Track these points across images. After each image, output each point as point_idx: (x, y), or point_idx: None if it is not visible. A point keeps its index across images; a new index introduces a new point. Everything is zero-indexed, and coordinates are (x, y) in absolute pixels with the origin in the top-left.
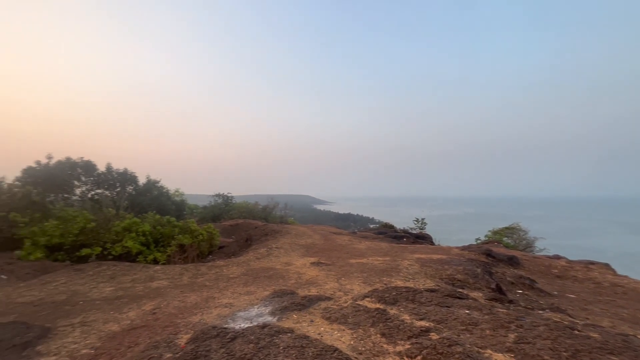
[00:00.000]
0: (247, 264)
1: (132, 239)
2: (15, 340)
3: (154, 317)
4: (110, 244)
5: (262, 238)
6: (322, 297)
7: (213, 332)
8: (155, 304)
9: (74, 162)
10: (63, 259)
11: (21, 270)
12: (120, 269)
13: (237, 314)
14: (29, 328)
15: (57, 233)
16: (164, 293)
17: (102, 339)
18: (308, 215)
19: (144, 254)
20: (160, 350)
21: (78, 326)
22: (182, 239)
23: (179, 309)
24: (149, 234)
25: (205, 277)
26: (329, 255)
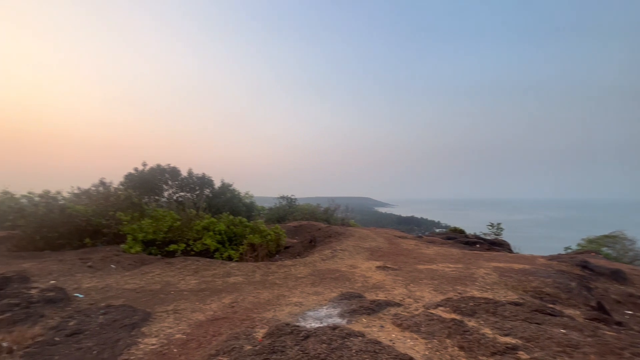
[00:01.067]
0: (313, 264)
1: (210, 237)
2: (125, 321)
3: (232, 310)
4: (192, 241)
5: (326, 240)
6: (391, 303)
7: (287, 329)
8: (233, 298)
9: (163, 168)
10: (156, 253)
11: (125, 261)
12: (202, 264)
13: (307, 313)
14: (134, 311)
15: (151, 230)
16: (240, 288)
17: (191, 326)
18: (368, 218)
19: (220, 251)
20: (241, 342)
21: (171, 313)
22: (253, 238)
23: (254, 304)
24: (224, 233)
25: (275, 276)
26: (395, 259)
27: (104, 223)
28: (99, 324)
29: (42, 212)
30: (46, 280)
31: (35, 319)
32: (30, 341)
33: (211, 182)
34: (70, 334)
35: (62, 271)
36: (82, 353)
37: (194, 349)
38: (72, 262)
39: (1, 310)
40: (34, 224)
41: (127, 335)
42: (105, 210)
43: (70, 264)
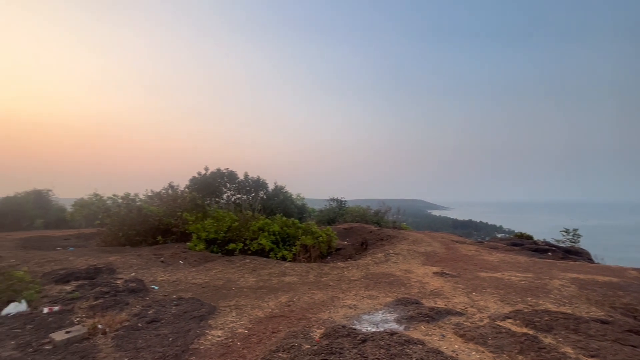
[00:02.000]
0: (366, 267)
1: (265, 237)
2: (194, 313)
3: (289, 308)
4: (249, 241)
5: (378, 243)
6: (452, 311)
7: (344, 331)
8: (289, 297)
9: (222, 172)
10: (217, 251)
11: (191, 258)
12: (259, 263)
13: (362, 317)
14: (202, 304)
15: (213, 230)
16: (295, 288)
17: (251, 322)
18: (421, 221)
19: (275, 251)
20: (299, 340)
21: (234, 308)
22: (305, 239)
23: (309, 304)
24: (278, 234)
25: (328, 277)
26: (454, 265)
27: (173, 222)
28: (173, 314)
29: (124, 212)
30: (128, 273)
31: (122, 306)
32: (119, 325)
33: (265, 185)
34: (150, 321)
35: (140, 265)
36: (160, 339)
37: (255, 344)
38: (148, 257)
39: (95, 296)
40: (117, 222)
41: (196, 326)
42: (174, 211)
43: (147, 258)
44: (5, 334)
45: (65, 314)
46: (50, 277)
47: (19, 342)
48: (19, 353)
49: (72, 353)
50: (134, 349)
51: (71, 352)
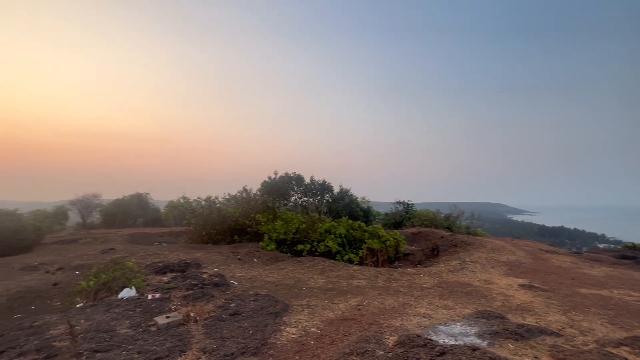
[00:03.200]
0: (439, 275)
1: (332, 240)
2: (270, 309)
3: (359, 312)
4: (316, 243)
5: (451, 249)
6: (546, 331)
7: (419, 340)
8: (358, 301)
9: (290, 176)
10: (286, 251)
11: (264, 256)
12: (327, 265)
13: (438, 327)
14: (276, 302)
15: (282, 231)
16: (364, 292)
17: (323, 322)
18: (501, 227)
19: (341, 253)
20: (372, 346)
21: (305, 307)
22: (372, 243)
23: (380, 310)
24: (344, 236)
25: (398, 283)
26: (544, 278)
27: (247, 223)
28: (251, 308)
29: (206, 213)
30: (211, 268)
31: (208, 298)
32: (207, 315)
33: (331, 188)
34: (232, 314)
35: (221, 261)
36: (242, 331)
37: (328, 345)
38: (227, 254)
39: (187, 287)
40: (201, 222)
41: (272, 322)
42: (248, 213)
43: (226, 256)
44: (121, 314)
45: (164, 301)
46: (151, 269)
47: (131, 322)
48: (132, 331)
49: (172, 335)
50: (221, 338)
51: (171, 335)
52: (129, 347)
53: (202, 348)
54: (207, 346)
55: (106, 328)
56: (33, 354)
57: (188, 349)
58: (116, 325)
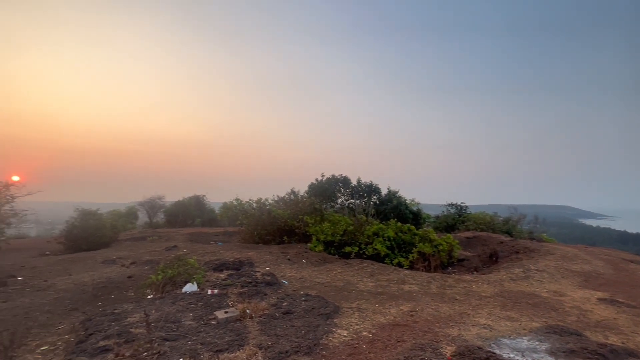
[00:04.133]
0: (499, 284)
1: (380, 242)
2: (321, 310)
3: (412, 319)
4: (364, 245)
5: (513, 256)
6: (637, 354)
7: (481, 353)
8: (410, 307)
9: (336, 178)
10: (334, 253)
11: (312, 258)
12: (377, 268)
13: (501, 340)
14: (327, 303)
15: (330, 232)
16: (416, 298)
17: (374, 327)
18: (570, 232)
19: (390, 257)
20: (428, 354)
21: (355, 310)
22: (423, 247)
23: (434, 317)
24: (393, 239)
25: (453, 290)
26: (630, 292)
27: (295, 224)
28: (303, 308)
29: (257, 214)
30: (263, 267)
31: (261, 296)
32: (261, 312)
33: (378, 190)
34: (285, 313)
35: (272, 261)
36: (295, 330)
37: (380, 350)
38: (277, 254)
39: (242, 285)
40: (252, 223)
41: (323, 323)
42: (296, 214)
43: (276, 256)
44: (185, 307)
45: (222, 297)
46: (209, 266)
47: (194, 315)
48: (195, 323)
49: (230, 330)
50: (275, 335)
51: (229, 329)
52: (194, 338)
53: (258, 344)
54: (262, 342)
55: (173, 319)
56: (115, 337)
57: (245, 343)
58: (181, 316)
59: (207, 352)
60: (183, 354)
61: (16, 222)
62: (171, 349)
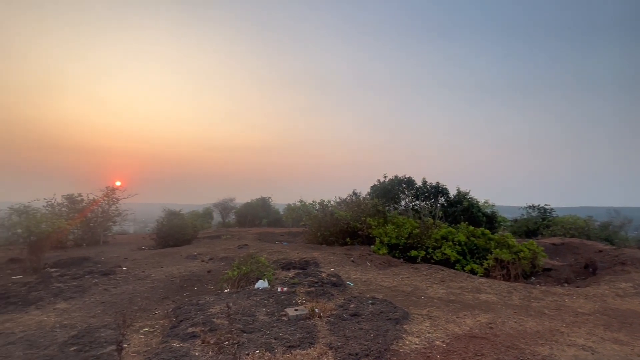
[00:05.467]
0: (601, 299)
1: (450, 247)
2: (389, 315)
3: (492, 331)
4: (431, 249)
5: (616, 267)
6: None
7: None
8: (489, 318)
9: (400, 179)
10: (399, 256)
11: (376, 260)
12: (447, 274)
13: None
14: (395, 308)
15: (394, 235)
16: (495, 309)
17: (448, 337)
18: None
19: (461, 263)
20: None
21: (426, 318)
22: (501, 253)
23: (518, 332)
24: (464, 244)
25: (541, 303)
26: None
27: (358, 226)
28: (370, 311)
29: (320, 215)
30: (328, 268)
31: (328, 296)
32: (329, 312)
33: (446, 191)
34: (352, 315)
35: (336, 262)
36: (363, 333)
37: None
38: (341, 256)
39: (309, 284)
40: (315, 224)
41: (393, 328)
42: (359, 216)
43: (340, 257)
44: (259, 302)
45: (291, 295)
46: (277, 264)
47: (267, 310)
48: (268, 318)
49: (301, 327)
50: (344, 337)
51: (300, 327)
52: (267, 332)
53: (328, 343)
54: (332, 342)
55: (248, 312)
56: (201, 325)
57: (316, 342)
58: (255, 311)
59: (281, 347)
60: (259, 346)
61: (119, 221)
62: (248, 341)
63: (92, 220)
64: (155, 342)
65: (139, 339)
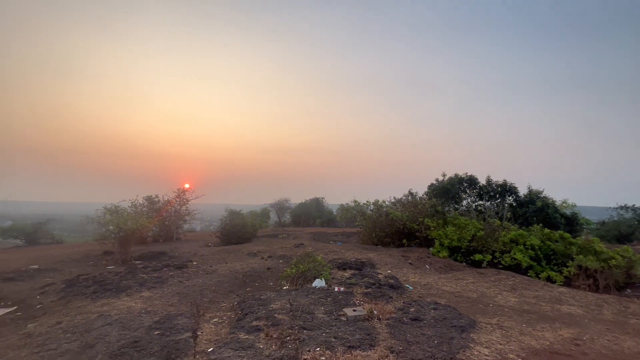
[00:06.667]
0: None
1: (521, 252)
2: (454, 322)
3: (578, 349)
4: (498, 254)
5: None
6: None
7: None
8: (574, 333)
9: (460, 177)
10: (461, 260)
11: (436, 263)
12: (519, 281)
13: None
14: (460, 315)
15: (455, 237)
16: (581, 323)
17: (523, 350)
18: None
19: (535, 269)
20: None
21: (496, 328)
22: (586, 260)
23: (613, 352)
24: (538, 248)
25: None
26: None
27: (415, 227)
28: (432, 317)
29: (375, 216)
30: (384, 269)
31: (387, 298)
32: (388, 315)
33: (514, 190)
34: (413, 319)
35: (393, 264)
36: (426, 339)
37: None
38: (398, 257)
39: (365, 285)
40: (370, 224)
41: (458, 336)
42: (416, 217)
43: (397, 259)
44: (317, 300)
45: (348, 295)
46: (333, 264)
47: (325, 309)
48: (326, 317)
49: (360, 328)
50: (405, 341)
51: (359, 327)
52: (327, 331)
53: (389, 347)
54: (393, 346)
55: (307, 310)
56: (264, 320)
57: (376, 344)
58: (314, 309)
59: (341, 347)
60: (319, 343)
61: (189, 219)
62: (309, 338)
63: (167, 219)
64: (224, 332)
65: (209, 328)
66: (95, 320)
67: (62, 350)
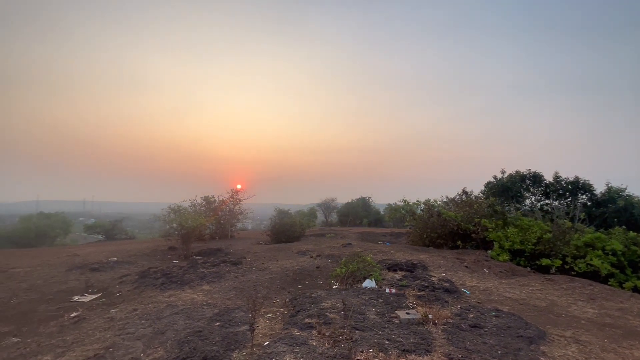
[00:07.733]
0: None
1: (599, 257)
2: (520, 332)
3: None
4: (570, 258)
5: None
6: None
7: None
8: None
9: (523, 174)
10: (524, 264)
11: (495, 267)
12: (598, 290)
13: None
14: (526, 325)
15: (517, 240)
16: None
17: None
18: None
19: (617, 278)
20: None
21: (571, 341)
22: None
23: None
24: (621, 254)
25: None
26: None
27: (471, 228)
28: (494, 325)
29: (426, 216)
30: (438, 272)
31: (442, 303)
32: (444, 320)
33: (589, 187)
34: (473, 326)
35: (447, 266)
36: (488, 348)
37: None
38: (452, 260)
39: (418, 288)
40: (421, 225)
41: (526, 347)
42: (470, 217)
43: (451, 261)
44: (367, 301)
45: (400, 297)
46: (383, 265)
47: (377, 310)
48: (378, 318)
49: (414, 332)
50: (464, 349)
51: (413, 331)
52: (380, 332)
53: (447, 353)
54: (451, 353)
55: (359, 310)
56: (316, 317)
57: (432, 350)
58: (365, 310)
59: (395, 350)
60: (372, 345)
61: (241, 218)
62: (361, 338)
63: (222, 218)
64: (277, 328)
65: (264, 323)
66: (164, 309)
67: (138, 334)
